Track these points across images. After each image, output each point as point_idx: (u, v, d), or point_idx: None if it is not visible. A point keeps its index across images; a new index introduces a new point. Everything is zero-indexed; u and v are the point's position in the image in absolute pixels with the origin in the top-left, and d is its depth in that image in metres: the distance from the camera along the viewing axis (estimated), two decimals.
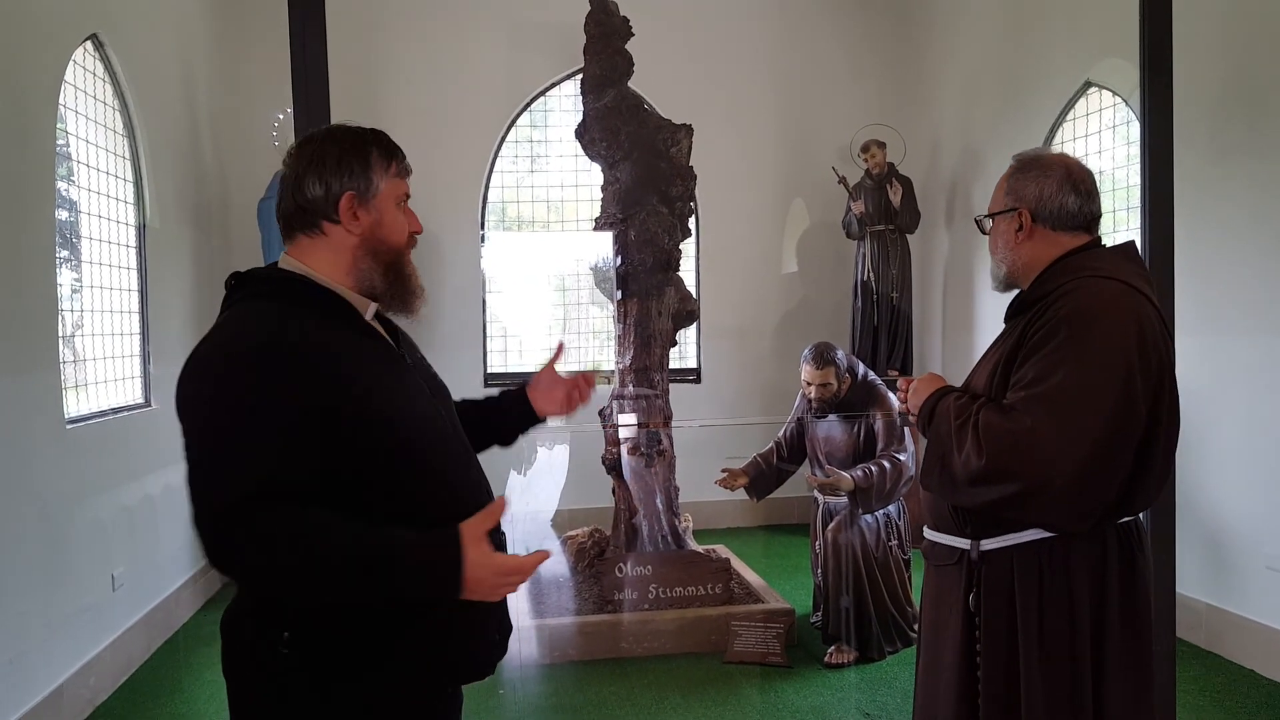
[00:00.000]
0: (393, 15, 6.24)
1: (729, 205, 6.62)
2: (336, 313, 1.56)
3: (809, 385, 4.30)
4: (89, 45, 4.20)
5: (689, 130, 4.82)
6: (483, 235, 6.55)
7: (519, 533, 1.73)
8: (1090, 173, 2.04)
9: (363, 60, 6.07)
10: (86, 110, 4.21)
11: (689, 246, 5.40)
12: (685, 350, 6.72)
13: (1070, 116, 5.35)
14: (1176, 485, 2.81)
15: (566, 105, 6.65)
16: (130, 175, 4.64)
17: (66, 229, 4.07)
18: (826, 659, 4.14)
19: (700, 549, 4.84)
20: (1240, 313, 4.07)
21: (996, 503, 1.86)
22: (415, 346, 1.79)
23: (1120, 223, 5.05)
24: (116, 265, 4.46)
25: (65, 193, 4.06)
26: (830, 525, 4.26)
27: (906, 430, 4.22)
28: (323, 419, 1.42)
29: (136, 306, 4.65)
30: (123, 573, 4.13)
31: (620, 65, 4.82)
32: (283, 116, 5.42)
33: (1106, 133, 5.15)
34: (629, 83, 4.86)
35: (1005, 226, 2.05)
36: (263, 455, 1.38)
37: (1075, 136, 5.35)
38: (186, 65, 5.39)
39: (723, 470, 4.51)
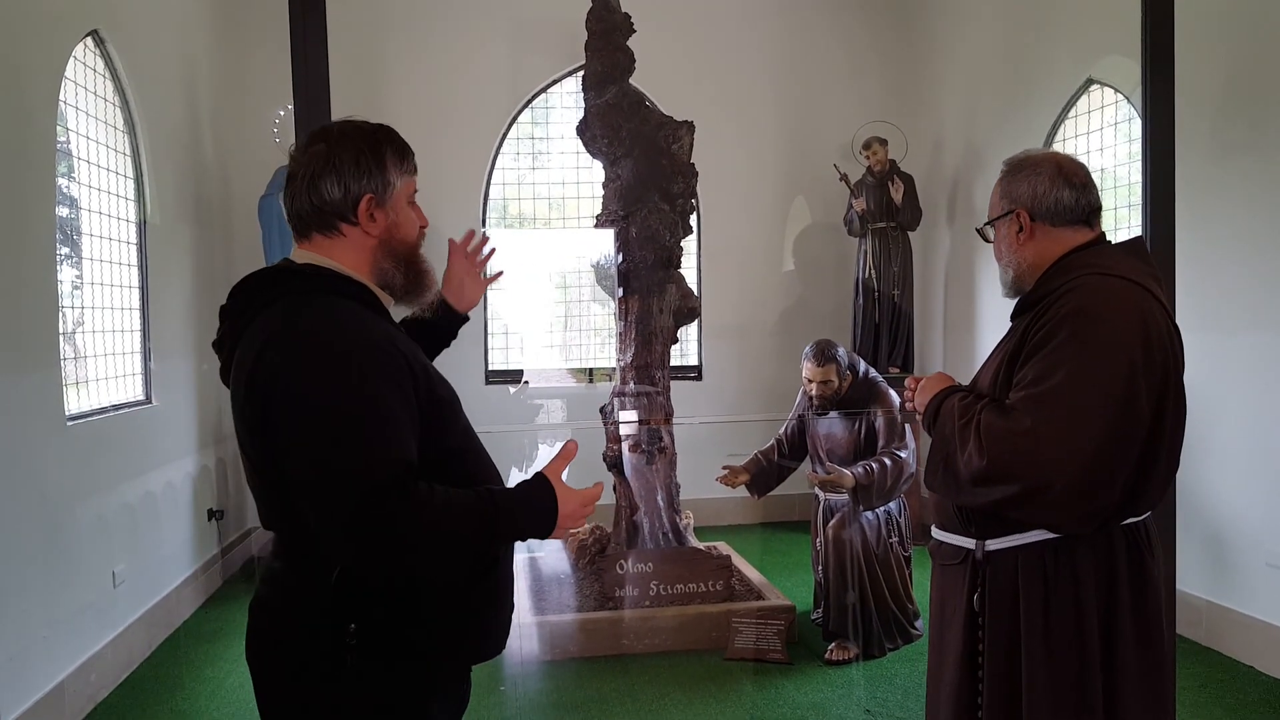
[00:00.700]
0: (394, 11, 6.24)
1: (730, 202, 6.62)
2: (378, 308, 1.62)
3: (810, 383, 4.31)
4: (89, 41, 4.20)
5: (690, 127, 4.82)
6: (484, 232, 6.54)
7: None
8: (1082, 165, 2.04)
9: (364, 57, 6.06)
10: (87, 107, 4.21)
11: (690, 244, 5.40)
12: (686, 347, 6.72)
13: (1072, 114, 5.35)
14: (1178, 482, 2.81)
15: (568, 102, 6.65)
16: (131, 172, 4.64)
17: (67, 225, 4.07)
18: (827, 656, 4.15)
19: (701, 546, 4.85)
20: (1241, 310, 4.06)
21: (998, 503, 1.85)
22: None
23: (1122, 220, 5.04)
24: (117, 262, 4.46)
25: (66, 189, 4.06)
26: (831, 522, 4.26)
27: (907, 427, 4.22)
28: (415, 403, 1.51)
29: (137, 303, 4.64)
30: (124, 570, 4.13)
31: (622, 62, 4.81)
32: (284, 113, 5.42)
33: (1108, 130, 5.14)
34: (630, 79, 4.85)
35: (1006, 230, 2.05)
36: (400, 436, 1.46)
37: (1077, 134, 5.34)
38: (187, 61, 5.39)
39: (724, 467, 4.52)
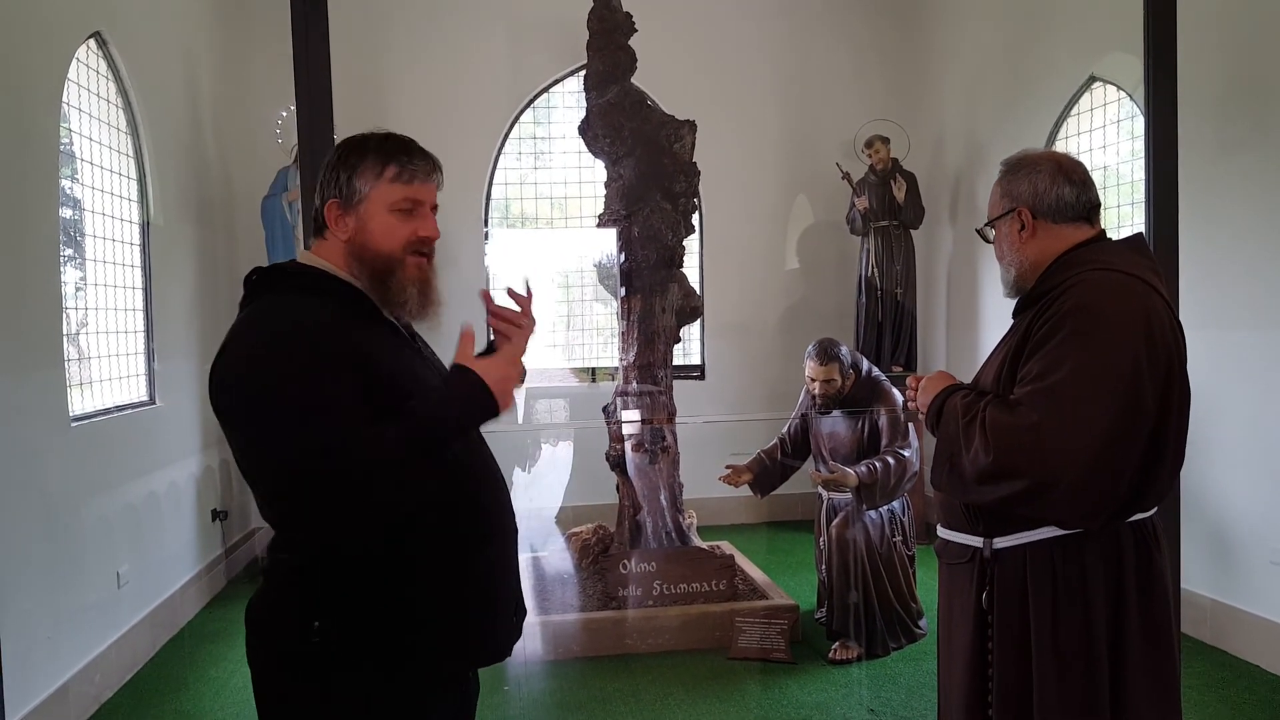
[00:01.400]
0: (395, 12, 6.24)
1: (733, 201, 6.61)
2: (353, 303, 1.64)
3: (813, 381, 4.30)
4: (92, 43, 4.20)
5: (692, 126, 4.82)
6: (486, 232, 6.55)
7: (523, 529, 1.74)
8: (1080, 163, 2.05)
9: (366, 57, 6.06)
10: (90, 108, 4.22)
11: (692, 243, 5.40)
12: (689, 347, 6.72)
13: (1074, 111, 5.34)
14: (1181, 480, 2.80)
15: (570, 102, 6.65)
16: (134, 173, 4.64)
17: (70, 227, 4.08)
18: (831, 655, 4.14)
19: (704, 545, 4.84)
20: (1245, 308, 4.05)
21: (1006, 500, 1.84)
22: (427, 345, 1.86)
23: (1125, 218, 5.04)
24: (120, 263, 4.47)
25: (69, 191, 4.07)
26: (834, 521, 4.25)
27: (911, 426, 4.21)
28: (359, 389, 1.52)
29: (140, 304, 4.65)
30: (127, 570, 4.14)
31: (623, 61, 4.81)
32: (286, 113, 5.43)
33: (1110, 128, 5.13)
34: (632, 79, 4.85)
35: (1008, 229, 2.05)
36: (342, 409, 1.48)
37: (1079, 131, 5.33)
38: (190, 62, 5.39)
39: (727, 467, 4.52)
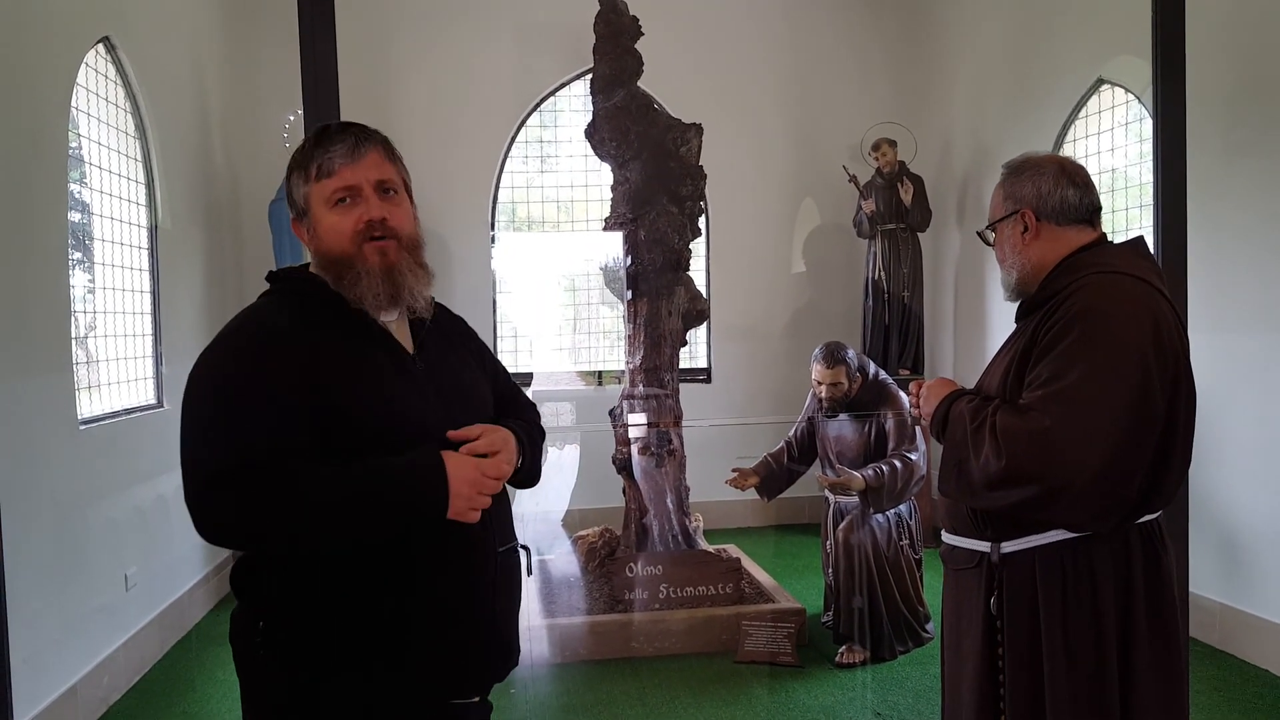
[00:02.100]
0: (402, 16, 6.25)
1: (739, 204, 6.61)
2: (334, 311, 1.59)
3: (820, 385, 4.30)
4: (101, 48, 4.22)
5: (699, 129, 4.82)
6: (493, 236, 6.56)
7: (530, 533, 1.73)
8: (1082, 166, 2.05)
9: (372, 61, 6.08)
10: (98, 113, 4.23)
11: (699, 246, 5.40)
12: (695, 350, 6.71)
13: (1082, 114, 5.33)
14: (1189, 483, 2.79)
15: (576, 105, 6.65)
16: (142, 177, 4.66)
17: (79, 231, 4.10)
18: (837, 659, 4.14)
19: (711, 549, 4.84)
20: (1253, 311, 4.04)
21: (1018, 505, 1.83)
22: (459, 350, 1.77)
23: (1133, 220, 5.02)
24: (128, 266, 4.49)
25: (78, 195, 4.09)
26: (841, 525, 4.25)
27: (918, 429, 4.20)
28: (298, 401, 1.48)
29: (149, 307, 4.67)
30: (136, 572, 4.15)
31: (630, 65, 4.81)
32: (293, 118, 5.44)
33: (1119, 130, 5.12)
34: (638, 82, 4.86)
35: (1010, 232, 2.04)
36: (242, 429, 1.45)
37: (1087, 134, 5.32)
38: (197, 67, 5.41)
39: (733, 470, 4.51)
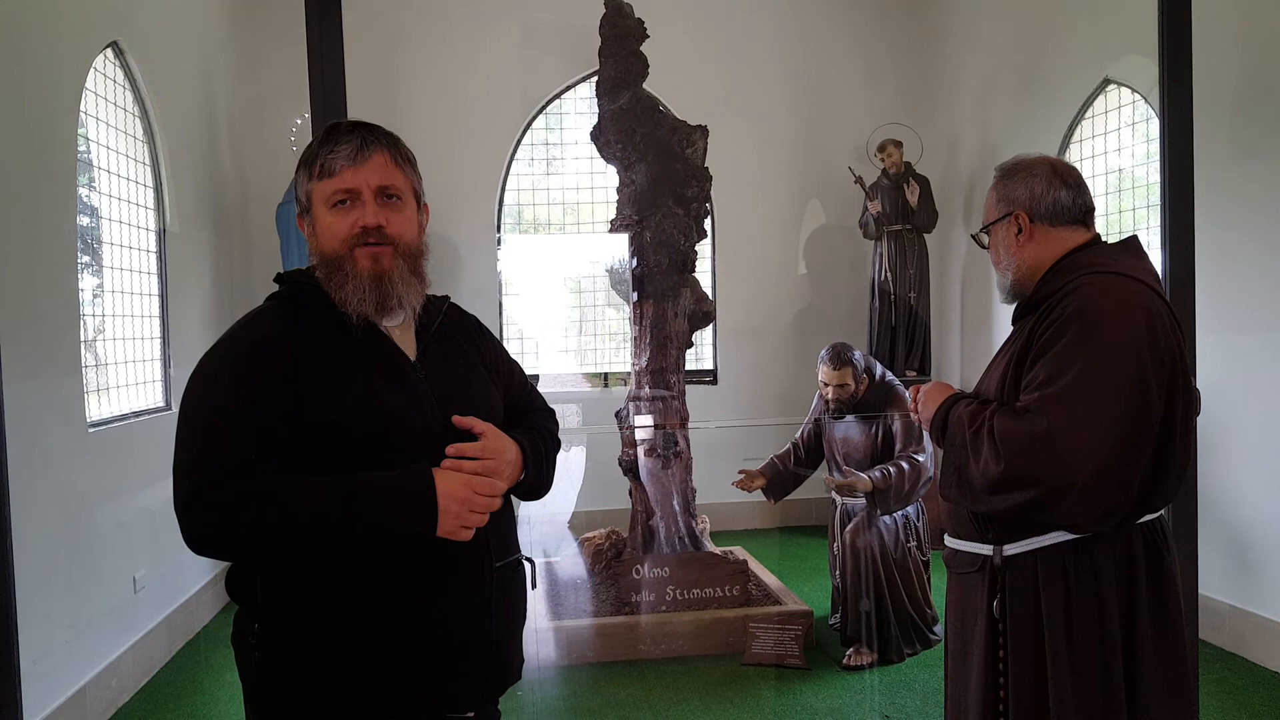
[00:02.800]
0: (409, 20, 6.27)
1: (745, 206, 6.61)
2: (332, 316, 1.56)
3: (826, 386, 4.29)
4: (109, 52, 4.24)
5: (704, 131, 4.82)
6: (499, 238, 6.57)
7: (536, 534, 1.73)
8: (1073, 167, 2.06)
9: (379, 64, 6.10)
10: (107, 117, 4.25)
11: (705, 248, 5.40)
12: (701, 351, 6.72)
13: (1089, 114, 5.32)
14: (1199, 485, 2.78)
15: (582, 108, 6.66)
16: (150, 181, 4.68)
17: (88, 234, 4.12)
18: (845, 661, 4.13)
19: (717, 550, 4.83)
20: (1261, 310, 4.02)
21: (1018, 507, 1.83)
22: (469, 355, 1.73)
23: (1140, 220, 5.01)
24: (137, 270, 4.50)
25: (86, 199, 4.10)
26: (848, 527, 4.24)
27: (925, 431, 4.19)
28: (284, 412, 1.47)
29: (157, 311, 4.69)
30: (144, 575, 4.17)
31: (635, 67, 4.82)
32: (301, 121, 5.46)
33: (1125, 130, 5.11)
34: (644, 84, 4.86)
35: (1005, 234, 2.05)
36: (225, 442, 1.44)
37: (1094, 134, 5.31)
38: (205, 71, 5.44)
39: (740, 471, 4.51)
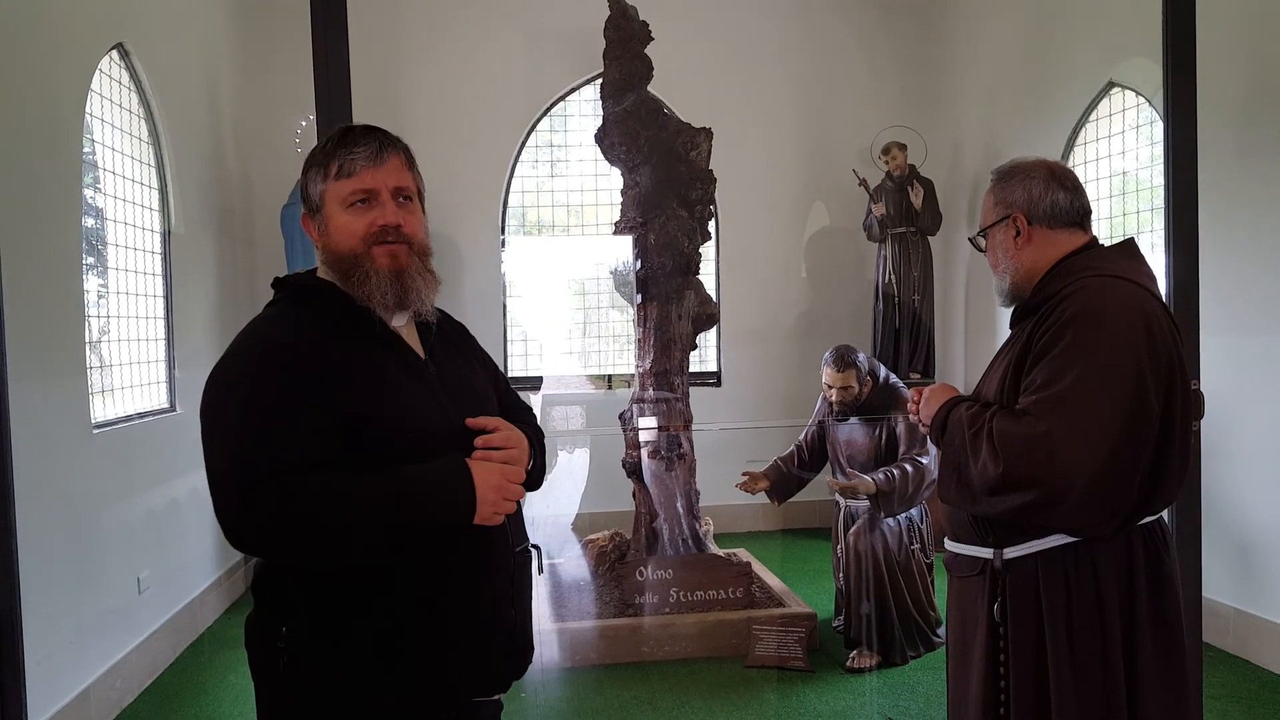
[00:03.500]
0: (414, 22, 6.29)
1: (749, 208, 6.61)
2: (347, 316, 1.59)
3: (830, 388, 4.29)
4: (115, 54, 4.26)
5: (709, 134, 4.82)
6: (503, 240, 6.58)
7: (540, 536, 1.74)
8: (1070, 170, 2.06)
9: (385, 66, 6.11)
10: (112, 118, 4.27)
11: (709, 250, 5.40)
12: (705, 353, 6.71)
13: (1093, 117, 5.31)
14: (1202, 487, 2.78)
15: (586, 110, 6.67)
16: (155, 182, 4.69)
17: (93, 236, 4.13)
18: (848, 663, 4.13)
19: (721, 553, 4.83)
20: (1266, 313, 4.02)
21: (1018, 510, 1.83)
22: (466, 355, 1.78)
23: (1144, 223, 5.01)
24: (142, 271, 4.52)
25: (91, 200, 4.12)
26: (852, 529, 4.24)
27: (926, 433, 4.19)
28: (325, 410, 1.50)
29: (162, 312, 4.70)
30: (149, 576, 4.18)
31: (640, 69, 4.82)
32: (306, 123, 5.47)
33: (1130, 133, 5.10)
34: (648, 87, 4.87)
35: (1002, 237, 2.05)
36: (273, 441, 1.46)
37: (1098, 137, 5.30)
38: (211, 73, 5.45)
39: (743, 473, 4.51)
